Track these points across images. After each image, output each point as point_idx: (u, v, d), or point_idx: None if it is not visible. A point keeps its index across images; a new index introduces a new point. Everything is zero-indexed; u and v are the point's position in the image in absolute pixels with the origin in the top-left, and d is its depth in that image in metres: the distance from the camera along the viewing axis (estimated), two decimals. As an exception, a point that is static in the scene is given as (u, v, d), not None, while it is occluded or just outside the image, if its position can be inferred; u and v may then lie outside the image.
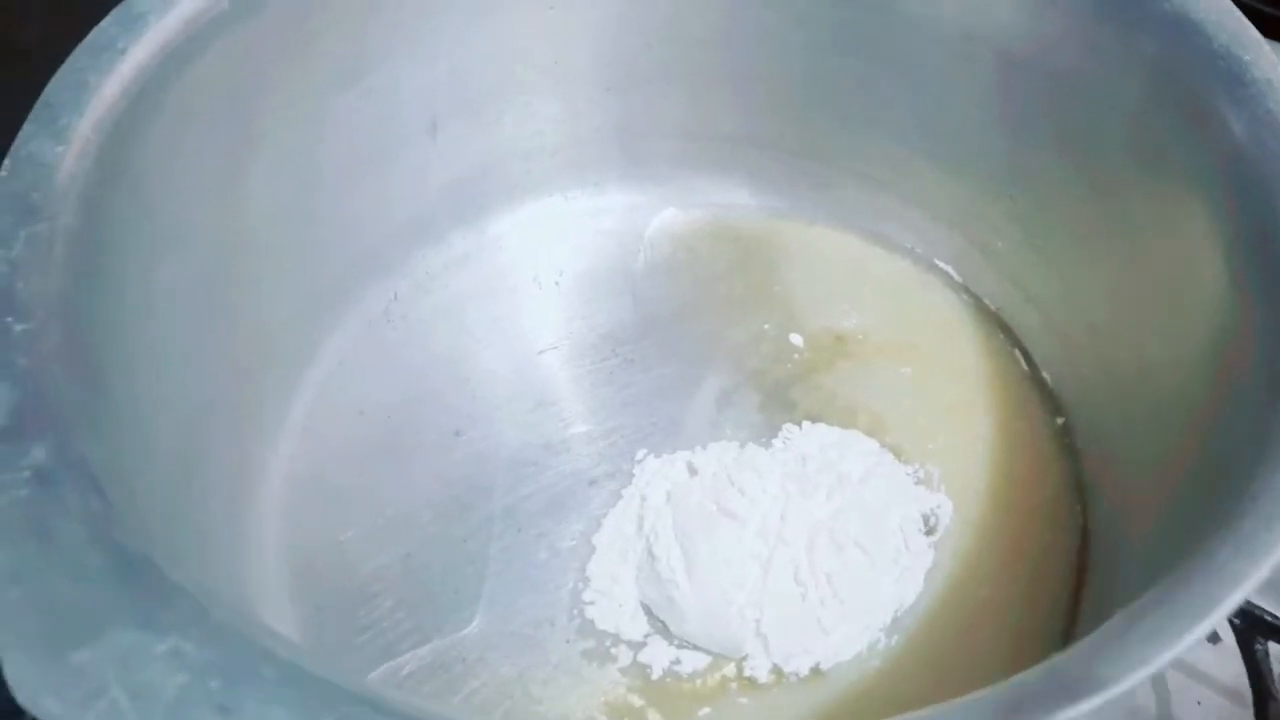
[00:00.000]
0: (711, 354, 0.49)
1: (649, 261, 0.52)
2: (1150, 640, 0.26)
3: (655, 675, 0.40)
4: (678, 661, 0.41)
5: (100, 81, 0.35)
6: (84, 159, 0.34)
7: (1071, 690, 0.25)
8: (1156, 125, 0.39)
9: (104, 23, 0.37)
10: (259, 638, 0.25)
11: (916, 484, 0.44)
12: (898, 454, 0.45)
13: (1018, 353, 0.48)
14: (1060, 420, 0.46)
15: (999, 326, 0.49)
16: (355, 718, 0.24)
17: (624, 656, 0.41)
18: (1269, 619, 0.41)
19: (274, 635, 0.26)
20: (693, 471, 0.44)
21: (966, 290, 0.50)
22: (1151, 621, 0.26)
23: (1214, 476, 0.32)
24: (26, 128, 0.34)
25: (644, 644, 0.41)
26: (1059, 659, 0.26)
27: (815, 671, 0.40)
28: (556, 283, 0.51)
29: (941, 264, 0.51)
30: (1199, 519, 0.30)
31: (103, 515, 0.27)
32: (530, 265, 0.52)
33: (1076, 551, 0.43)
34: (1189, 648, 0.25)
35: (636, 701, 0.40)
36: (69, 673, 0.24)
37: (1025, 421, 0.46)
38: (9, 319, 0.30)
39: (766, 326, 0.50)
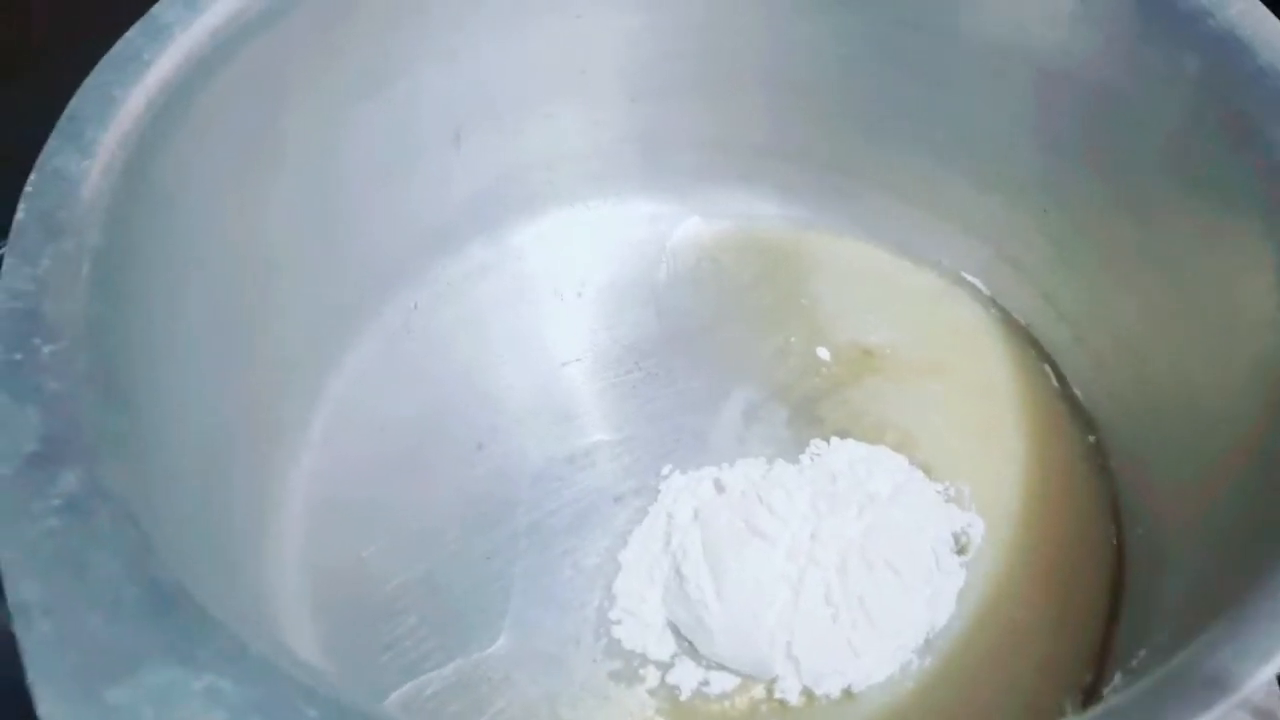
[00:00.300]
0: (738, 368, 0.48)
1: (673, 273, 0.51)
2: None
3: (684, 696, 0.40)
4: (706, 683, 0.40)
5: (125, 94, 0.35)
6: (110, 174, 0.33)
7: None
8: (1199, 143, 0.38)
9: (129, 34, 0.36)
10: (299, 675, 0.25)
11: (947, 502, 0.44)
12: (928, 472, 0.44)
13: (1048, 369, 0.47)
14: (1092, 438, 0.45)
15: (1029, 342, 0.48)
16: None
17: (652, 677, 0.40)
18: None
19: (314, 672, 0.25)
20: (720, 489, 0.43)
21: (995, 304, 0.49)
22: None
23: (1269, 496, 0.31)
24: (52, 142, 0.33)
25: (672, 664, 0.40)
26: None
27: (846, 694, 0.39)
28: (579, 294, 0.51)
29: (970, 277, 0.50)
30: (1253, 540, 0.30)
31: (138, 545, 0.26)
32: (552, 276, 0.51)
33: (1111, 573, 0.42)
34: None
35: (662, 721, 0.39)
36: (104, 711, 0.23)
37: (1057, 439, 0.45)
38: (37, 340, 0.29)
39: (793, 340, 0.49)
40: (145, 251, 0.35)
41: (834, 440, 0.45)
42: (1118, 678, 0.37)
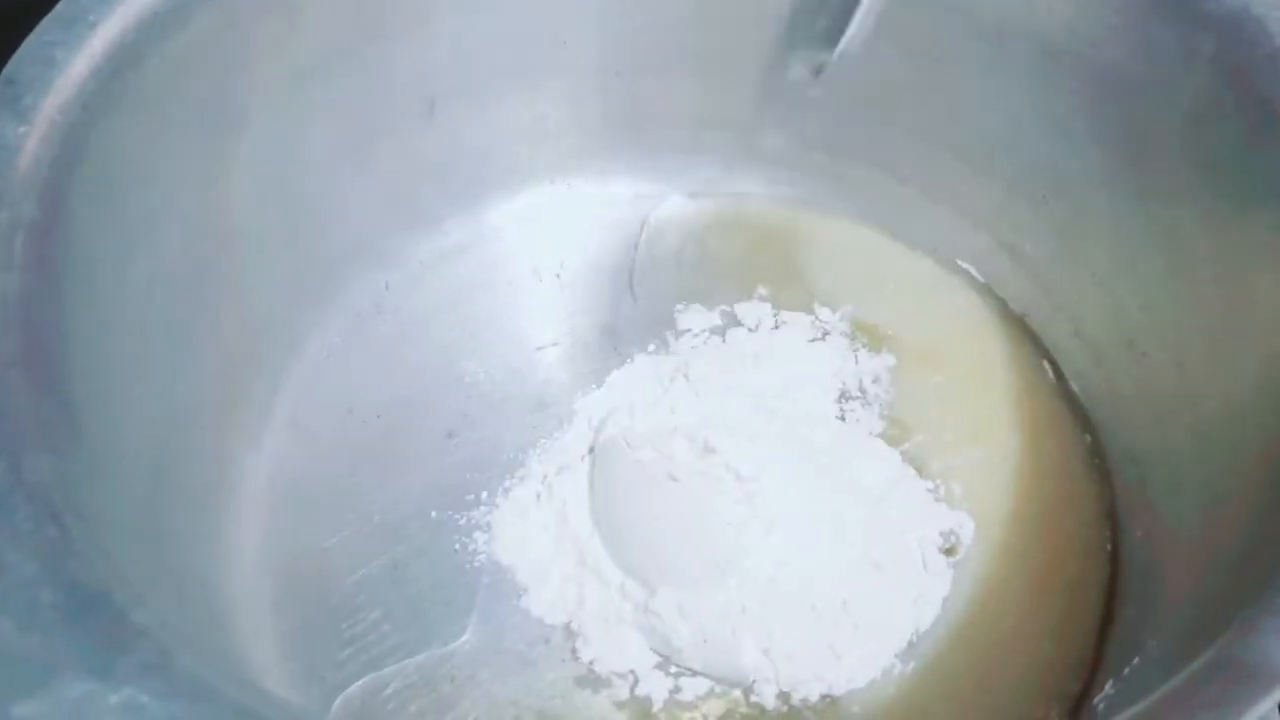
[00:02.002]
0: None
1: (656, 254, 0.49)
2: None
3: (655, 706, 0.38)
4: (678, 689, 0.38)
5: (69, 58, 0.33)
6: (49, 143, 0.31)
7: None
8: (1213, 128, 0.36)
9: (74, -9, 0.34)
10: (229, 689, 0.23)
11: (936, 501, 0.42)
12: (919, 467, 0.43)
13: (1046, 364, 0.45)
14: (1089, 438, 0.43)
15: (1026, 334, 0.46)
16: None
17: (621, 684, 0.38)
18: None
19: (247, 685, 0.23)
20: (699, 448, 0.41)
21: (992, 293, 0.47)
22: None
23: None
24: (-14, 106, 0.31)
25: (642, 670, 0.39)
26: None
27: (826, 699, 0.38)
28: (558, 275, 0.49)
29: (966, 264, 0.48)
30: (1264, 548, 0.28)
31: (58, 545, 0.24)
32: (530, 257, 0.49)
33: (1105, 578, 0.40)
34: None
35: (635, 732, 0.38)
36: (11, 729, 0.21)
37: (1053, 438, 0.44)
38: (-41, 320, 0.27)
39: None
40: (88, 227, 0.33)
41: (832, 424, 0.44)
42: (1109, 686, 0.36)
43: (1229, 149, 0.36)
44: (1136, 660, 0.35)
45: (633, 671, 0.39)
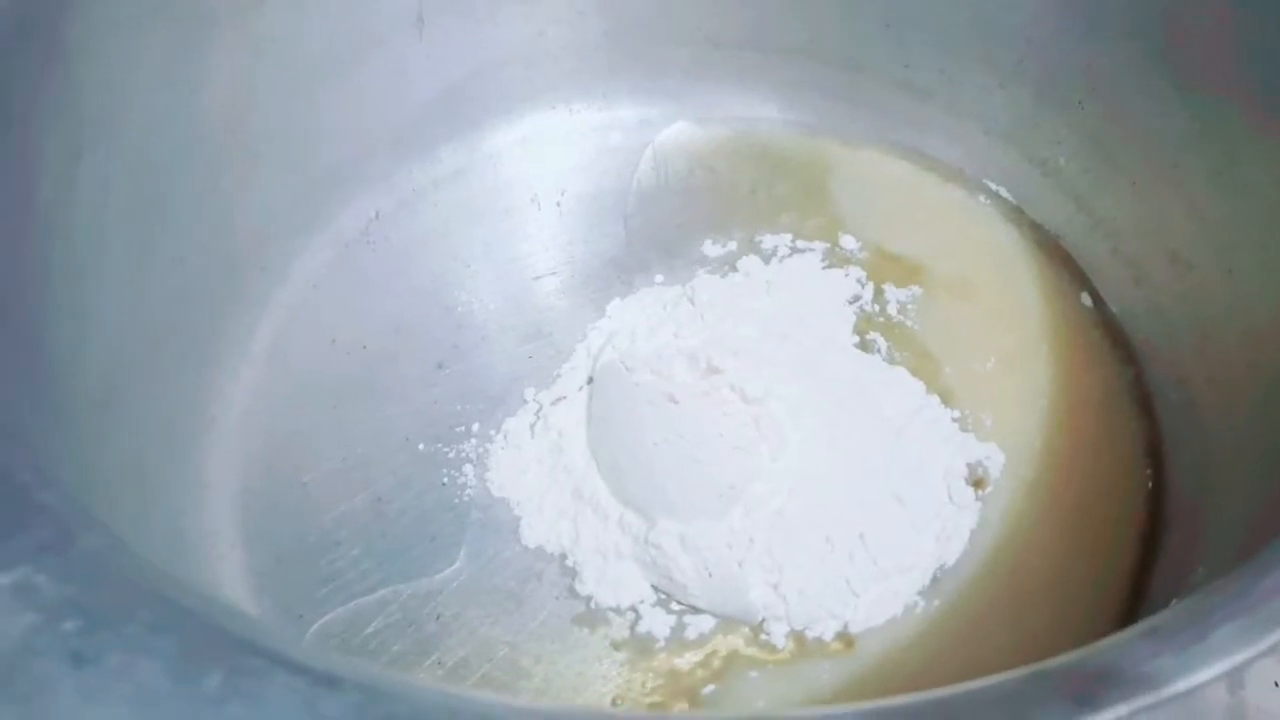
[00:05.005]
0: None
1: (662, 180, 0.46)
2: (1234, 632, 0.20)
3: (657, 645, 0.35)
4: (681, 627, 0.35)
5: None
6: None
7: (1117, 684, 0.19)
8: (1257, 9, 0.33)
9: None
10: (139, 572, 0.20)
11: (964, 431, 0.39)
12: (946, 398, 0.39)
13: (1086, 296, 0.42)
14: (1131, 371, 0.40)
15: (1063, 262, 0.43)
16: (249, 673, 0.19)
17: (620, 622, 0.36)
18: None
19: (156, 571, 0.20)
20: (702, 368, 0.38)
21: (1026, 221, 0.44)
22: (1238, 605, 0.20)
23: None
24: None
25: (643, 607, 0.36)
26: (1109, 643, 0.20)
27: (841, 638, 0.35)
28: (558, 204, 0.46)
29: (995, 186, 0.44)
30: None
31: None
32: (529, 184, 0.46)
33: (1144, 520, 0.37)
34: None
35: (634, 674, 0.35)
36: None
37: (1093, 373, 0.40)
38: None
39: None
40: (33, 112, 0.30)
41: (851, 352, 0.41)
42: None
43: (1275, 31, 0.32)
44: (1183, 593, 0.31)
45: (633, 608, 0.36)
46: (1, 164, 0.29)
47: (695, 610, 0.36)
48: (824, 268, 0.43)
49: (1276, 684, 0.33)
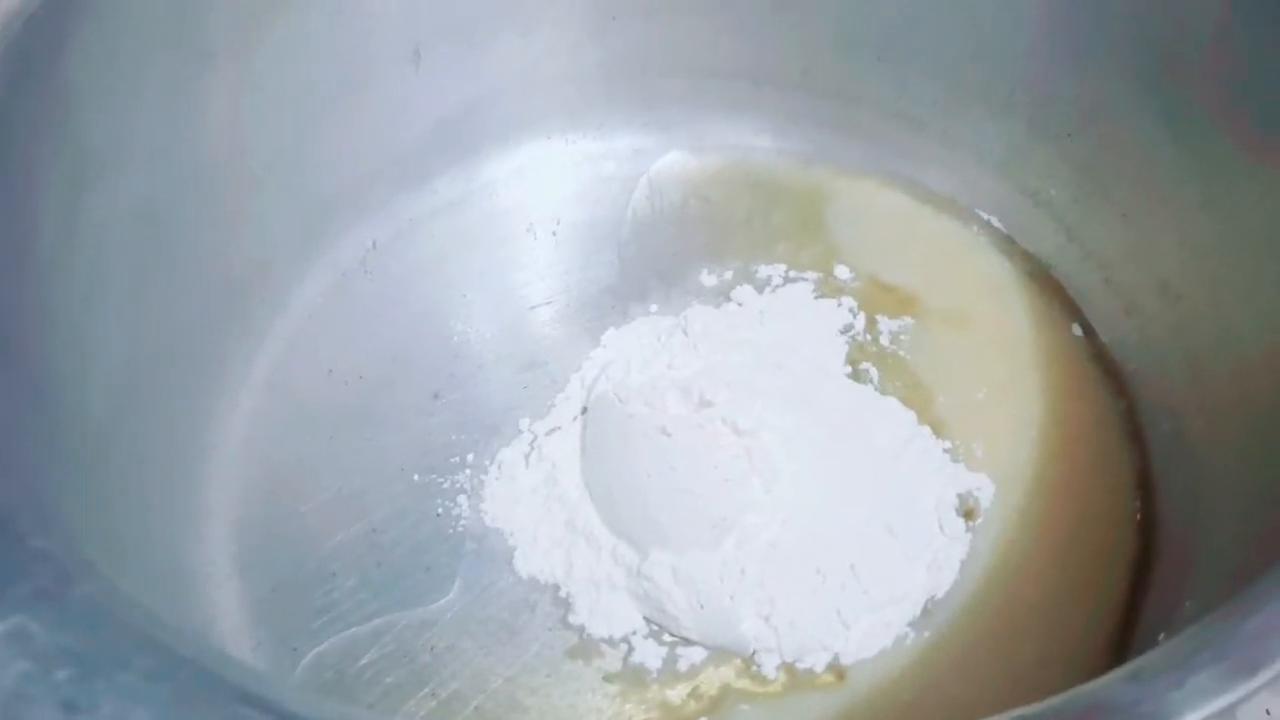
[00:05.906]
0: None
1: (657, 210, 0.46)
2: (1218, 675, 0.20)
3: (649, 677, 0.35)
4: (673, 659, 0.35)
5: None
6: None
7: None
8: (1244, 41, 0.33)
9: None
10: (134, 619, 0.21)
11: (955, 461, 0.39)
12: (938, 428, 0.40)
13: (1077, 327, 0.42)
14: (1123, 402, 0.40)
15: (1054, 293, 0.43)
16: (240, 722, 0.19)
17: (612, 654, 0.36)
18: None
19: (152, 617, 0.21)
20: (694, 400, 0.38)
21: (1018, 252, 0.44)
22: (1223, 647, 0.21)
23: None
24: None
25: (635, 638, 0.36)
26: (1092, 687, 0.21)
27: (833, 669, 0.35)
28: (553, 233, 0.46)
29: (987, 216, 0.45)
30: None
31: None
32: (525, 214, 0.47)
33: (1135, 550, 0.37)
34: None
35: (625, 706, 0.35)
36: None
37: (1084, 403, 0.41)
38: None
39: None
40: (34, 153, 0.31)
41: (843, 382, 0.41)
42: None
43: (1262, 63, 0.33)
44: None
45: (626, 640, 0.36)
46: (3, 199, 0.30)
47: (687, 642, 0.36)
48: (816, 297, 0.44)
49: (1269, 712, 0.34)
